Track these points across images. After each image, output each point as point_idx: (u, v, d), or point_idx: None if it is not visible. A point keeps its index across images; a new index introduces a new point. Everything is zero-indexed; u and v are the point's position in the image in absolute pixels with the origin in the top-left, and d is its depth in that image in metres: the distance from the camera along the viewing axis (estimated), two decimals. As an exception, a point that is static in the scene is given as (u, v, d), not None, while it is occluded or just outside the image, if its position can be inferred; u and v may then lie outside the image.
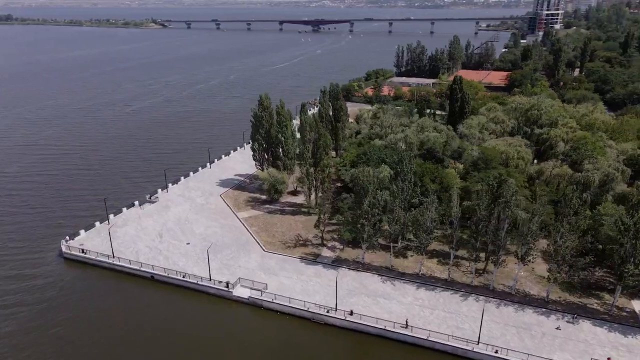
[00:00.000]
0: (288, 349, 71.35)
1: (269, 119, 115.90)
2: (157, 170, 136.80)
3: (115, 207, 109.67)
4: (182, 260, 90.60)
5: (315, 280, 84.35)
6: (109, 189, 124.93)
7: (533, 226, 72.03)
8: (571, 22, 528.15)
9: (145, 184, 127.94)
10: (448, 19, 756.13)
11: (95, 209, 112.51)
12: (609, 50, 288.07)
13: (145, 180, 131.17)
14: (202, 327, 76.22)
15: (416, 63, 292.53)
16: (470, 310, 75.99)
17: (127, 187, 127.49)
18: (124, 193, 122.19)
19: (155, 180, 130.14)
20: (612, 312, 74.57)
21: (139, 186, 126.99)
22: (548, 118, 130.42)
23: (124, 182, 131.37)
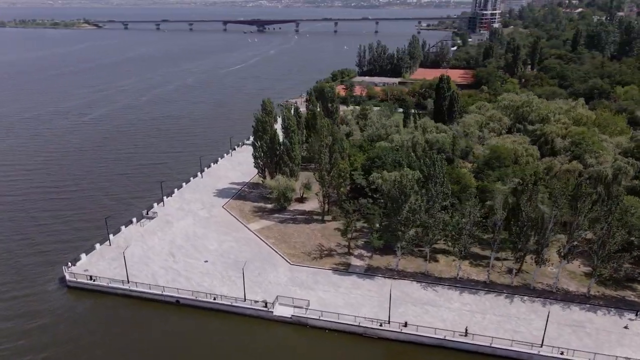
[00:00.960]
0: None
1: (273, 124, 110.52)
2: (141, 185, 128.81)
3: (106, 226, 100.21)
4: (206, 280, 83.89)
5: (355, 292, 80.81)
6: (93, 209, 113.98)
7: (581, 222, 72.60)
8: (508, 22, 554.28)
9: (132, 200, 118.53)
10: (392, 19, 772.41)
11: (82, 231, 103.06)
12: (554, 48, 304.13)
13: (131, 196, 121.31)
14: (242, 352, 70.73)
15: (378, 62, 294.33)
16: (520, 312, 75.59)
17: (111, 204, 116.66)
18: (110, 211, 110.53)
19: (141, 195, 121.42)
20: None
21: (125, 202, 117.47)
22: (538, 115, 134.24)
23: (107, 200, 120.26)
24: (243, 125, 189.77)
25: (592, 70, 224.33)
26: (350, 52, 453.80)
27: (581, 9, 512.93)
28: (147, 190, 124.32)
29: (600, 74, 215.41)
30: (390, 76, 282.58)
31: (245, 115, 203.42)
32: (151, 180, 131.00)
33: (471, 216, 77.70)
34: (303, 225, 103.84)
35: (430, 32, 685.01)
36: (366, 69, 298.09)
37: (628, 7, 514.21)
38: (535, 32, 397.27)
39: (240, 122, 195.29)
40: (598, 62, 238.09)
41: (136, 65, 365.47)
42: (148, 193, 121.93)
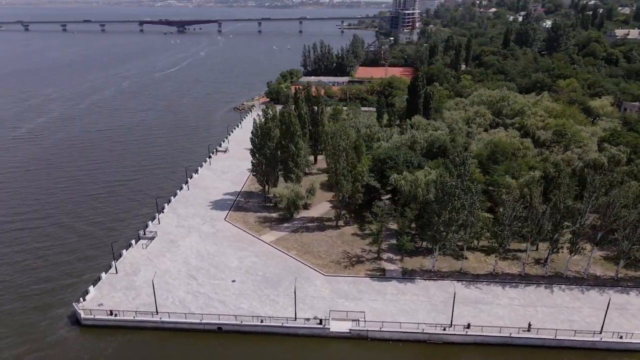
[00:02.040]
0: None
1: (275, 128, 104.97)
2: (118, 205, 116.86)
3: (112, 252, 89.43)
4: (243, 302, 77.38)
5: (403, 297, 78.74)
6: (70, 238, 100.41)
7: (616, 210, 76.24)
8: (428, 21, 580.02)
9: (115, 224, 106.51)
10: (314, 19, 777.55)
11: (64, 265, 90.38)
12: (482, 45, 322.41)
13: (111, 219, 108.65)
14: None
15: (323, 62, 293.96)
16: (565, 301, 77.88)
17: (92, 230, 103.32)
18: (93, 239, 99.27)
19: (124, 216, 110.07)
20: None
21: (107, 227, 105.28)
22: (512, 109, 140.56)
23: (84, 225, 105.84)
24: (207, 131, 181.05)
25: (528, 65, 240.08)
26: (284, 51, 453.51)
27: (494, 9, 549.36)
28: (126, 211, 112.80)
29: (536, 68, 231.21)
30: (336, 75, 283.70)
31: (205, 122, 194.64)
32: (128, 199, 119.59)
33: (514, 211, 78.77)
34: (318, 233, 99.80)
35: (352, 31, 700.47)
36: (311, 69, 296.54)
37: (532, 7, 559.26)
38: (458, 31, 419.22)
39: (203, 128, 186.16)
40: (531, 58, 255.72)
41: (56, 72, 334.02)
42: (129, 214, 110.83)
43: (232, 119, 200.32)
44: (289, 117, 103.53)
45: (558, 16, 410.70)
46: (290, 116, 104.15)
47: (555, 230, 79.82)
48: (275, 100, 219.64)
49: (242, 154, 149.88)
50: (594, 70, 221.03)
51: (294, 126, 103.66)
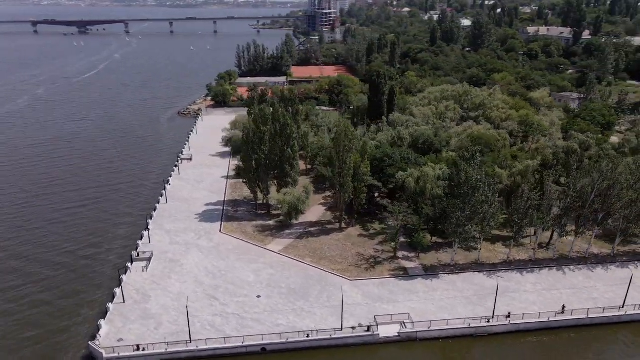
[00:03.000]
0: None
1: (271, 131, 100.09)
2: (86, 228, 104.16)
3: (86, 288, 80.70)
4: (279, 318, 72.70)
5: (436, 294, 78.81)
6: (43, 272, 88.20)
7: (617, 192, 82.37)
8: (345, 20, 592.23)
9: (85, 251, 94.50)
10: (228, 18, 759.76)
11: (46, 305, 77.71)
12: (407, 43, 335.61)
13: (82, 246, 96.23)
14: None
15: (259, 62, 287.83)
16: (580, 281, 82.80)
17: (68, 262, 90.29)
18: (70, 270, 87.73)
19: (99, 242, 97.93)
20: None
21: (78, 254, 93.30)
22: (473, 103, 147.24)
23: (58, 257, 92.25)
24: (158, 139, 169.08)
25: (460, 61, 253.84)
26: (204, 52, 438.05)
27: (407, 8, 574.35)
28: (99, 234, 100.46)
29: (468, 64, 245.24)
30: (271, 75, 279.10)
31: (152, 129, 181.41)
32: (97, 221, 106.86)
33: (530, 201, 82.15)
34: (324, 237, 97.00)
35: (268, 31, 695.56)
36: (246, 69, 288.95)
37: (439, 6, 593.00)
38: (378, 30, 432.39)
39: (152, 137, 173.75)
40: (459, 54, 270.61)
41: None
42: (104, 238, 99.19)
43: (182, 124, 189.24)
44: (284, 119, 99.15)
45: (469, 15, 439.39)
46: (286, 117, 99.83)
47: (565, 214, 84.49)
48: (223, 103, 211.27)
49: (209, 161, 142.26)
50: (520, 65, 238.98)
51: (290, 128, 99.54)
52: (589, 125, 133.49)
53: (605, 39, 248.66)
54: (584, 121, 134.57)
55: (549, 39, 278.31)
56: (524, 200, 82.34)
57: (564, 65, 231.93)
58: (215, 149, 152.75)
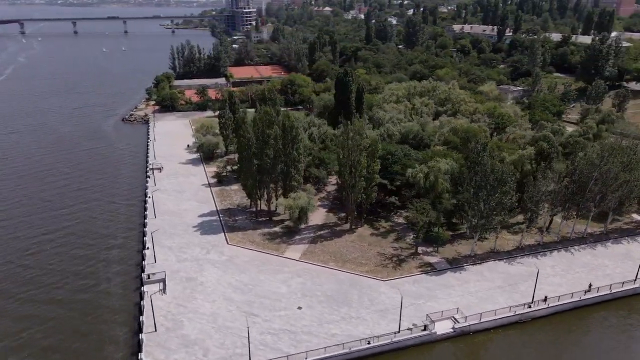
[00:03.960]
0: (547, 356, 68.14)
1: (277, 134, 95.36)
2: (66, 259, 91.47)
3: (94, 328, 72.48)
4: (332, 329, 69.64)
5: (471, 286, 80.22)
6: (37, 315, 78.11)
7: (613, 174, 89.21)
8: (265, 19, 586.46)
9: (77, 281, 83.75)
10: (138, 18, 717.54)
11: (60, 355, 68.33)
12: (340, 42, 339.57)
13: (73, 279, 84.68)
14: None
15: (195, 64, 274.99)
16: (589, 260, 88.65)
17: (61, 294, 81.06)
18: (70, 307, 77.78)
19: (82, 270, 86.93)
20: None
21: (72, 285, 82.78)
22: (439, 98, 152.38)
23: (47, 290, 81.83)
24: (110, 150, 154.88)
25: (397, 58, 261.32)
26: (120, 53, 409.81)
27: (330, 8, 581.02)
28: (88, 263, 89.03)
29: (407, 61, 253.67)
30: (209, 77, 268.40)
31: (99, 139, 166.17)
32: (79, 247, 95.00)
33: (543, 188, 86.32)
34: (338, 240, 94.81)
35: (184, 31, 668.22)
36: (182, 71, 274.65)
37: (357, 6, 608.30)
38: (305, 29, 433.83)
39: (103, 147, 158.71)
40: (396, 52, 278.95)
41: None
42: (96, 266, 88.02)
43: (131, 132, 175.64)
44: (290, 121, 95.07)
45: (390, 15, 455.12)
46: (291, 120, 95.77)
47: (573, 199, 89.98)
48: (171, 107, 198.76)
49: (182, 169, 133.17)
50: (456, 61, 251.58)
51: (295, 130, 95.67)
52: (547, 115, 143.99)
53: (525, 36, 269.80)
54: (543, 112, 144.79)
55: (476, 36, 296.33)
56: (538, 187, 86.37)
57: (496, 61, 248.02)
58: (182, 156, 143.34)
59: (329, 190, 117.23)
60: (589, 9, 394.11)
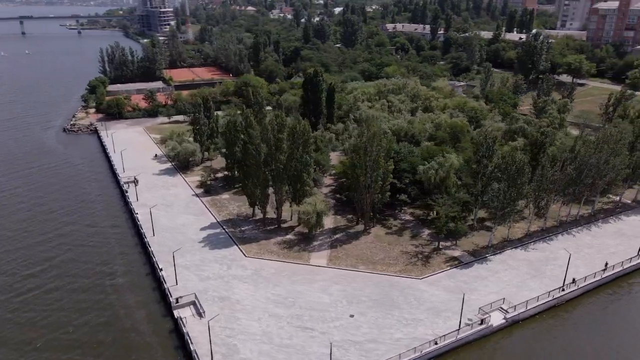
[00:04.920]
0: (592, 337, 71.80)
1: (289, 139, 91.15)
2: (67, 297, 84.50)
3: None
4: (394, 333, 68.17)
5: (503, 275, 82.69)
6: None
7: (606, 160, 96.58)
8: (185, 19, 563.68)
9: (91, 316, 76.82)
10: (40, 18, 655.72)
11: None
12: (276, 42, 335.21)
13: (84, 319, 77.76)
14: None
15: (128, 67, 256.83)
16: (591, 240, 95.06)
17: (86, 336, 72.71)
18: (107, 343, 70.61)
19: (94, 309, 79.63)
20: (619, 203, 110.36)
21: (87, 328, 75.48)
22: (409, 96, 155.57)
23: (57, 329, 73.13)
24: (60, 166, 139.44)
25: (341, 57, 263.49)
26: (23, 57, 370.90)
27: (254, 8, 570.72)
28: (95, 298, 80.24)
29: (351, 59, 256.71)
30: (143, 80, 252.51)
31: (44, 154, 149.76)
32: (80, 280, 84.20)
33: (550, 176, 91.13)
34: (357, 242, 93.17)
35: (90, 32, 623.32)
36: (114, 75, 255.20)
37: (278, 6, 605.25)
38: (230, 29, 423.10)
39: (55, 163, 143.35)
40: (336, 50, 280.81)
41: None
42: (103, 301, 79.57)
43: (78, 143, 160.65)
44: (303, 125, 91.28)
45: (315, 15, 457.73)
46: (304, 124, 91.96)
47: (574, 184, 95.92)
48: (119, 114, 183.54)
49: (159, 181, 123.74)
50: (398, 58, 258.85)
51: (307, 133, 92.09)
52: (509, 107, 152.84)
53: (457, 34, 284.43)
54: (506, 104, 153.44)
55: (410, 35, 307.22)
56: (547, 177, 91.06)
57: (436, 58, 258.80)
58: (152, 166, 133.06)
59: (325, 192, 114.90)
60: (499, 9, 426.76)
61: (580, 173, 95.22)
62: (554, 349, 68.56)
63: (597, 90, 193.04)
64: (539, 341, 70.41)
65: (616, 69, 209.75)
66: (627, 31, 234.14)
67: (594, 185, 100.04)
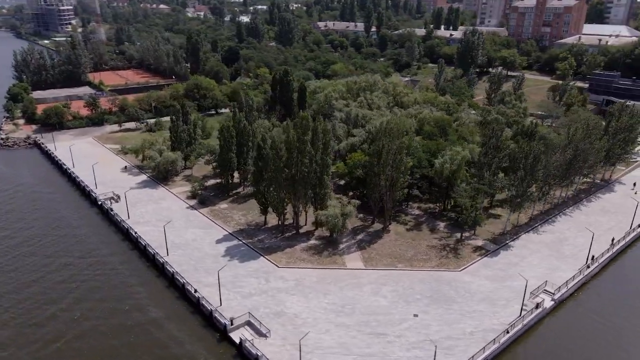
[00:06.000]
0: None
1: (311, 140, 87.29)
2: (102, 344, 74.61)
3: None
4: (465, 326, 68.39)
5: (532, 259, 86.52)
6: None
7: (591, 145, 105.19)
8: (97, 18, 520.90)
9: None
10: None
11: None
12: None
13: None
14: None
15: (49, 71, 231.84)
16: (587, 219, 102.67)
17: None
18: None
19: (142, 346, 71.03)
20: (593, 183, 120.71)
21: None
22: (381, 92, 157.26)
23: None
24: (14, 189, 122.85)
25: (281, 56, 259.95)
26: None
27: (165, 6, 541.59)
28: (135, 332, 72.57)
29: (292, 58, 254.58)
30: (66, 86, 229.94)
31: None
32: (108, 319, 75.68)
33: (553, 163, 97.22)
34: (382, 241, 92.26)
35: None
36: (32, 81, 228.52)
37: (191, 4, 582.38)
38: (143, 28, 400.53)
39: (8, 188, 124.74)
40: (275, 49, 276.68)
41: None
42: (147, 335, 72.17)
43: (20, 160, 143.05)
44: (323, 127, 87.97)
45: (231, 13, 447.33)
46: (325, 124, 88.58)
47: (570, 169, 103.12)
48: (59, 125, 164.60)
49: (141, 195, 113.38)
50: (341, 56, 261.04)
51: (328, 134, 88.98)
52: (470, 99, 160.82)
53: (390, 31, 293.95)
54: (464, 96, 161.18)
55: (343, 33, 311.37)
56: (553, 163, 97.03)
57: (376, 55, 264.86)
58: (125, 180, 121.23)
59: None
60: (415, 7, 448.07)
61: (575, 157, 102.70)
62: (596, 326, 72.94)
63: (531, 82, 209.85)
64: (583, 318, 74.81)
65: (542, 62, 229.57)
66: (544, 27, 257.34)
67: (580, 168, 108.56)
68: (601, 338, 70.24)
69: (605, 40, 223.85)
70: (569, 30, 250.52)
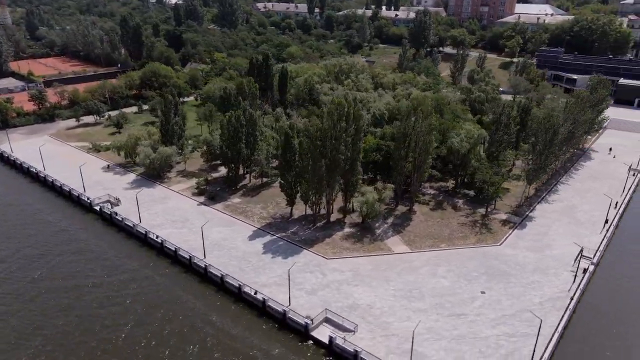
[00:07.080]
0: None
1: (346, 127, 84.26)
2: None
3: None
4: (533, 297, 71.09)
5: (556, 228, 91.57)
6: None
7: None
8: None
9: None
10: None
11: None
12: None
13: None
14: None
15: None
16: (582, 186, 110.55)
17: None
18: None
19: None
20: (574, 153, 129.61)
21: None
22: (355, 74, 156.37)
23: None
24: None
25: (229, 39, 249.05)
26: None
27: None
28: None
29: (241, 41, 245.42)
30: None
31: None
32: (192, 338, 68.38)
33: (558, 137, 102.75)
34: (414, 224, 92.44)
35: None
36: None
37: None
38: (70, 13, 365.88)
39: None
40: (219, 33, 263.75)
41: None
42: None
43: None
44: (356, 110, 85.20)
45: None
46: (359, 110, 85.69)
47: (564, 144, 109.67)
48: (3, 123, 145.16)
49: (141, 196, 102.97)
50: (290, 39, 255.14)
51: (360, 119, 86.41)
52: (438, 77, 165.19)
53: (334, 12, 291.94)
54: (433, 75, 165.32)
55: (286, 14, 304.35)
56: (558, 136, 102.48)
57: (326, 37, 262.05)
58: (113, 180, 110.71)
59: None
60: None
61: (574, 128, 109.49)
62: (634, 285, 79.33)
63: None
64: (619, 279, 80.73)
65: (486, 40, 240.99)
66: (483, 7, 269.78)
67: (578, 138, 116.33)
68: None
69: (543, 19, 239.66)
70: (505, 10, 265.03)
